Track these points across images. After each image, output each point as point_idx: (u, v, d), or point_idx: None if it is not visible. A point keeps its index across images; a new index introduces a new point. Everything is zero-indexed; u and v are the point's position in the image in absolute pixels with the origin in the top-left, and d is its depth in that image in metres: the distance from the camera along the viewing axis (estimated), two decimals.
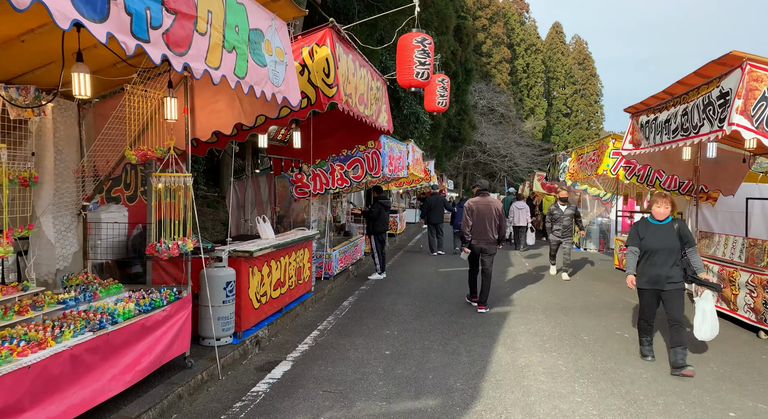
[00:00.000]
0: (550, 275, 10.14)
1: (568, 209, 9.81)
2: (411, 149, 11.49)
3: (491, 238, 7.07)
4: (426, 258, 12.52)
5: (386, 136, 8.59)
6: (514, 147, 49.00)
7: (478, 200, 7.23)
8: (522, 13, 73.83)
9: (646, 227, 4.95)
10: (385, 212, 9.47)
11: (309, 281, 7.12)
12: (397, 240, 16.13)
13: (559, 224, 9.84)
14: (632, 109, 7.44)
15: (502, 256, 13.06)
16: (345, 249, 9.31)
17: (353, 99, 5.35)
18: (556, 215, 9.87)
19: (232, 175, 7.37)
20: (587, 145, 10.27)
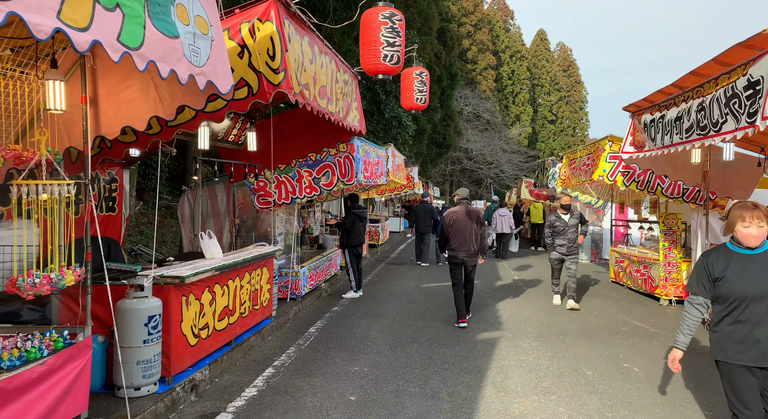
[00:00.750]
0: (553, 305, 8.07)
1: (572, 218, 7.99)
2: (391, 154, 10.62)
3: (472, 249, 6.68)
4: (408, 271, 11.62)
5: (361, 139, 7.72)
6: (500, 154, 48.54)
7: (457, 209, 6.82)
8: (507, 20, 73.96)
9: (728, 259, 2.85)
10: (359, 223, 8.56)
11: (269, 305, 6.17)
12: (378, 251, 15.22)
13: (563, 238, 7.98)
14: (633, 107, 6.64)
15: (488, 268, 12.21)
16: (316, 265, 8.37)
17: (311, 91, 4.46)
18: (559, 227, 8.02)
19: (202, 181, 6.42)
20: (580, 149, 9.49)
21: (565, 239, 7.99)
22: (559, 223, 8.08)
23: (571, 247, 7.99)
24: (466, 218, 6.71)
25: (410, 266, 12.68)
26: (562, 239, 8.01)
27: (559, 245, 8.07)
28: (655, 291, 8.17)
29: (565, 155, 10.59)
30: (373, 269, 11.81)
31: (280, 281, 7.38)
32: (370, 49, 4.85)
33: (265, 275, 6.00)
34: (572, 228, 8.00)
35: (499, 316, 7.27)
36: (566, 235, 7.99)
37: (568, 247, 7.99)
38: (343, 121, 5.57)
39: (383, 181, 9.56)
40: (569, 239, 7.99)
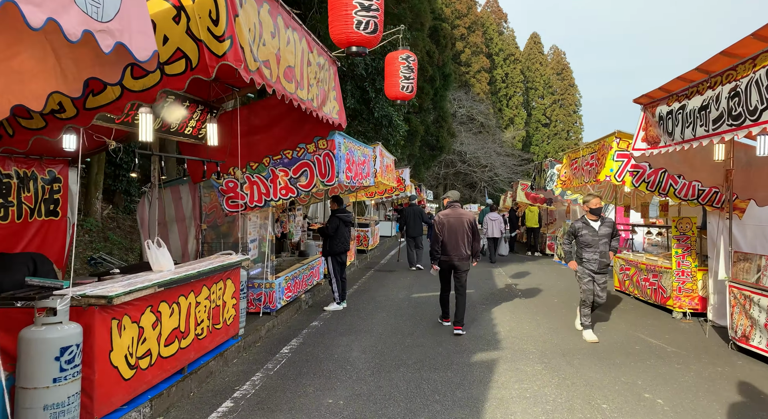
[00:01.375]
0: (585, 340, 6.12)
1: (603, 226, 6.29)
2: (379, 154, 9.88)
3: (464, 254, 6.51)
4: (399, 279, 10.86)
5: (343, 135, 6.97)
6: (495, 157, 48.01)
7: (448, 212, 6.62)
8: (500, 23, 73.75)
9: None
10: (344, 228, 7.80)
11: (234, 322, 5.39)
12: (368, 257, 14.45)
13: (593, 251, 6.20)
14: (645, 98, 5.94)
15: (483, 275, 11.47)
16: (295, 274, 7.59)
17: (273, 71, 3.72)
18: (587, 237, 6.24)
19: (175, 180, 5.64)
20: (583, 147, 8.78)
21: (596, 253, 6.23)
22: (587, 231, 6.27)
23: (603, 264, 6.26)
24: (457, 221, 6.51)
25: (401, 272, 11.92)
26: (592, 252, 6.24)
27: (589, 260, 6.27)
28: (667, 303, 7.46)
29: (566, 155, 9.89)
30: (360, 277, 11.04)
31: (251, 293, 6.61)
32: (340, 15, 4.16)
33: (229, 288, 5.22)
34: (603, 239, 6.25)
35: (496, 332, 6.52)
36: (597, 247, 6.23)
37: (600, 263, 6.23)
38: (317, 111, 4.81)
39: (370, 182, 8.80)
40: (601, 253, 6.23)
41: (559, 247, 14.93)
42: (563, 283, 10.60)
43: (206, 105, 5.15)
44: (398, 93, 5.75)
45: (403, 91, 5.77)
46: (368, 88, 13.94)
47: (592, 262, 6.26)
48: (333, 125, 5.43)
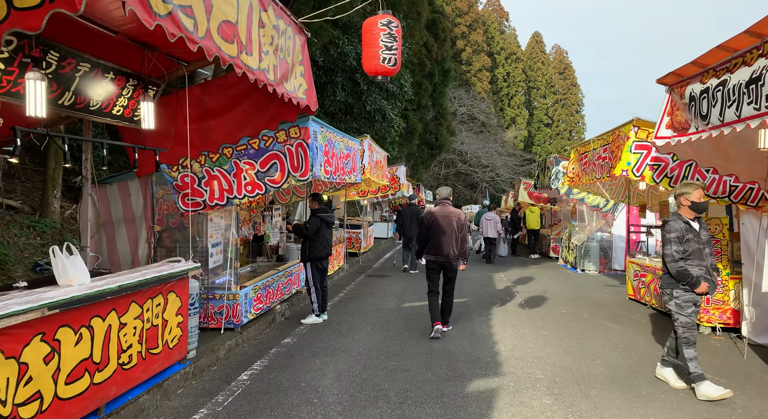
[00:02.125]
0: (672, 387, 4.53)
1: (702, 228, 4.52)
2: (368, 148, 8.96)
3: (451, 254, 6.15)
4: (390, 285, 9.93)
5: (321, 123, 6.07)
6: (496, 157, 47.10)
7: (436, 210, 6.29)
8: (502, 22, 73.00)
9: None
10: (326, 229, 6.89)
11: (181, 343, 4.48)
12: (360, 261, 13.52)
13: (700, 265, 4.36)
14: (672, 77, 5.02)
15: (482, 281, 10.55)
16: (268, 283, 6.68)
17: (201, 23, 2.81)
18: (692, 245, 4.39)
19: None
20: (594, 140, 7.85)
21: (702, 268, 4.37)
22: (691, 236, 4.42)
23: (711, 273, 4.42)
24: (445, 219, 6.17)
25: (394, 277, 11.00)
26: (697, 264, 4.36)
27: (695, 266, 4.37)
28: None
29: (574, 149, 8.96)
30: (349, 283, 10.12)
31: (212, 306, 5.70)
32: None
33: (172, 304, 4.30)
34: (707, 248, 4.50)
35: (496, 352, 5.60)
36: (703, 260, 4.40)
37: (711, 284, 4.37)
38: (275, 86, 3.90)
39: (356, 179, 7.89)
40: (707, 269, 4.40)
41: (564, 250, 14.02)
42: (570, 290, 9.66)
43: (139, 80, 4.25)
44: (378, 66, 4.83)
45: (384, 64, 4.85)
46: (360, 80, 13.02)
47: (701, 277, 4.34)
48: (299, 107, 4.53)
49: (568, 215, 14.97)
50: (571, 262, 13.27)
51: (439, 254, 6.14)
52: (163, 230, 5.75)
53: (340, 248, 11.00)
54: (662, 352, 4.85)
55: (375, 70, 4.86)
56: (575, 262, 12.85)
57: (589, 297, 8.98)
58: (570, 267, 13.35)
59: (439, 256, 6.15)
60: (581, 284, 10.59)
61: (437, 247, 6.15)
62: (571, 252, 13.24)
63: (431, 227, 6.20)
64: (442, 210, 6.26)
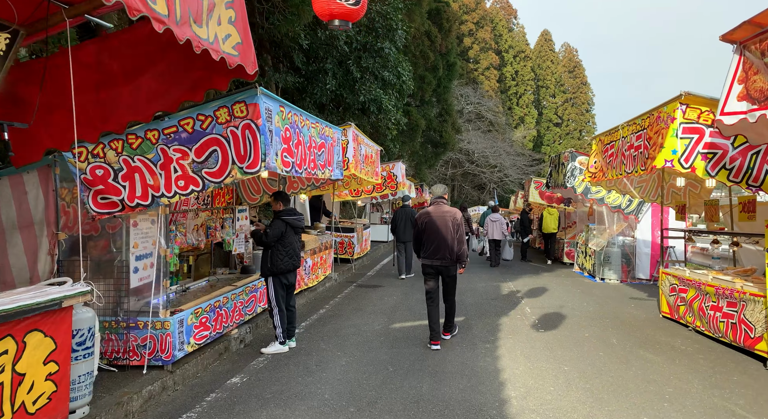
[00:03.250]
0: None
1: None
2: (353, 139, 7.63)
3: (448, 257, 5.73)
4: (382, 299, 8.58)
5: (279, 100, 4.76)
6: (504, 156, 45.63)
7: (431, 210, 5.89)
8: (510, 19, 71.70)
9: None
10: (292, 235, 5.56)
11: (54, 405, 3.16)
12: (353, 268, 12.18)
13: None
14: (747, 28, 3.67)
15: (488, 292, 9.16)
16: (217, 303, 5.36)
17: None
18: None
19: None
20: (623, 126, 6.45)
21: None
22: None
23: None
24: (441, 219, 5.76)
25: (388, 288, 9.65)
26: None
27: None
28: (756, 346, 5.12)
29: (596, 140, 7.57)
30: (335, 296, 8.79)
31: (134, 337, 4.38)
32: None
33: (37, 348, 2.98)
34: None
35: (504, 401, 4.23)
36: None
37: None
38: (177, 27, 2.59)
39: (334, 175, 6.55)
40: None
41: (581, 256, 12.61)
42: (591, 305, 8.27)
43: None
44: (333, 5, 3.50)
45: (341, 3, 3.54)
46: (352, 67, 11.70)
47: None
48: (229, 67, 3.21)
49: (584, 217, 13.54)
50: (589, 269, 11.86)
51: (435, 257, 5.73)
52: (74, 238, 4.44)
53: (326, 255, 9.68)
54: (725, 401, 3.43)
55: (329, 10, 3.58)
56: (593, 270, 11.43)
57: (614, 314, 7.58)
58: (587, 275, 11.93)
59: (435, 259, 5.74)
60: (602, 296, 9.18)
61: (432, 250, 5.74)
62: (589, 259, 11.83)
63: (426, 229, 5.79)
64: (437, 210, 5.84)
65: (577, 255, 13.10)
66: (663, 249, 7.58)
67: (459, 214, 5.81)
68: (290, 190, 7.45)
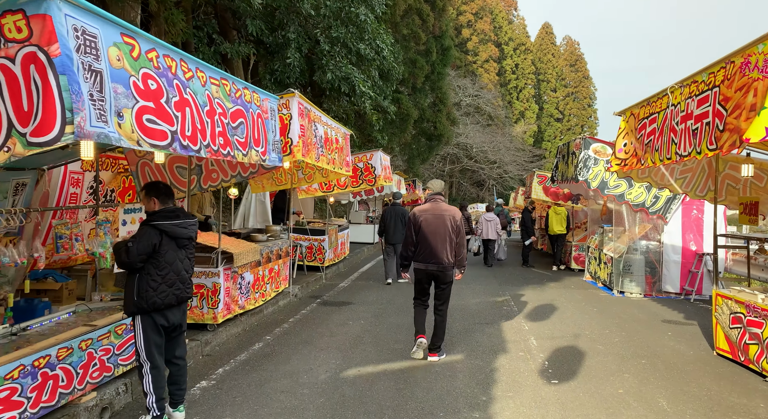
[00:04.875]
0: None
1: None
2: (298, 114, 5.62)
3: (444, 261, 5.12)
4: (346, 323, 6.64)
5: (124, 27, 2.82)
6: (504, 152, 43.68)
7: (426, 208, 5.25)
8: (510, 11, 69.86)
9: None
10: (173, 251, 3.59)
11: None
12: (324, 278, 10.23)
13: None
14: None
15: (482, 313, 7.21)
16: (52, 360, 3.41)
17: None
18: None
19: None
20: (674, 88, 4.44)
21: None
22: None
23: None
24: (438, 219, 5.16)
25: (359, 305, 7.72)
26: None
27: None
28: None
29: (626, 115, 5.58)
30: (286, 319, 6.85)
31: None
32: None
33: None
34: None
35: None
36: None
37: None
38: None
39: (272, 160, 4.59)
40: None
41: (593, 263, 10.67)
42: (616, 333, 6.34)
43: None
44: None
45: None
46: (320, 37, 9.71)
47: None
48: None
49: (596, 217, 11.58)
50: (604, 280, 9.92)
51: (430, 261, 5.20)
52: None
53: (280, 265, 7.73)
54: None
55: None
56: (610, 280, 9.50)
57: (650, 350, 5.64)
58: (602, 287, 9.99)
59: (430, 264, 5.20)
60: (627, 318, 7.24)
61: (428, 253, 5.21)
62: (604, 266, 9.90)
63: (420, 230, 5.24)
64: (434, 208, 5.28)
65: (589, 261, 11.16)
66: (715, 262, 5.61)
67: (459, 214, 5.28)
68: (207, 182, 5.49)
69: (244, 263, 6.09)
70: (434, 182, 5.51)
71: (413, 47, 19.05)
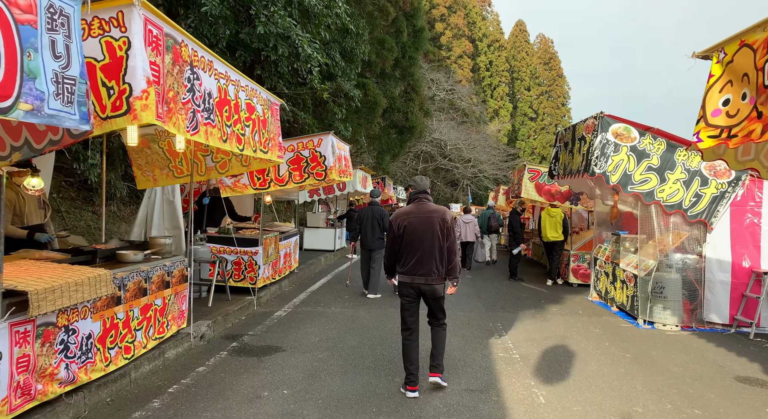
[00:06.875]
0: None
1: None
2: (149, 41, 3.09)
3: (434, 272, 4.32)
4: (258, 397, 4.13)
5: None
6: (479, 150, 41.77)
7: (410, 210, 4.46)
8: (484, 7, 68.44)
9: None
10: None
11: None
12: (254, 306, 7.64)
13: None
14: None
15: (464, 370, 4.76)
16: None
17: None
18: None
19: None
20: None
21: None
22: None
23: None
24: (425, 221, 4.37)
25: (291, 354, 5.20)
26: None
27: None
28: None
29: (734, 46, 3.24)
30: (165, 387, 4.29)
31: None
32: None
33: None
34: None
35: None
36: None
37: None
38: None
39: (57, 113, 2.01)
40: None
41: (603, 279, 8.40)
42: (685, 411, 3.97)
43: None
44: None
45: None
46: None
47: None
48: None
49: (605, 221, 9.31)
50: (621, 303, 7.64)
51: (417, 273, 4.32)
52: None
53: (173, 295, 5.14)
54: None
55: None
56: (631, 305, 7.22)
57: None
58: (618, 312, 7.72)
59: (417, 276, 4.32)
60: (682, 373, 4.93)
61: (414, 263, 4.34)
62: (622, 286, 7.62)
63: (405, 234, 4.38)
64: (420, 209, 4.42)
65: (596, 277, 8.89)
66: None
67: (449, 214, 4.46)
68: None
69: (65, 306, 3.49)
70: (417, 180, 4.56)
71: (381, 25, 16.61)
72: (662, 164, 6.77)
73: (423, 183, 4.51)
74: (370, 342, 5.83)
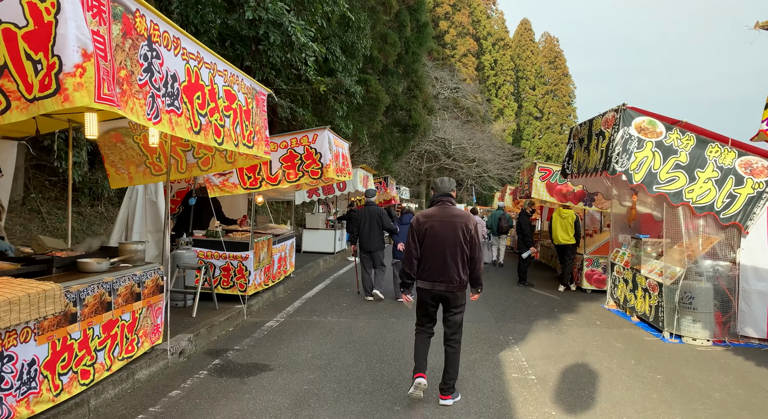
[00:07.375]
0: None
1: None
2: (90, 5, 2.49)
3: (455, 280, 4.13)
4: None
5: None
6: (484, 149, 41.14)
7: (432, 212, 4.26)
8: (489, 5, 67.74)
9: None
10: None
11: None
12: (244, 316, 7.05)
13: None
14: None
15: (481, 394, 4.14)
16: None
17: None
18: None
19: None
20: None
21: None
22: None
23: None
24: (448, 226, 4.17)
25: (276, 374, 4.61)
26: None
27: None
28: None
29: None
30: (130, 417, 3.70)
31: None
32: None
33: None
34: None
35: None
36: None
37: None
38: None
39: None
40: None
41: (622, 286, 7.76)
42: None
43: None
44: None
45: None
46: None
47: None
48: None
49: (622, 224, 8.67)
50: (643, 313, 7.01)
51: (438, 279, 4.16)
52: None
53: (145, 308, 4.55)
54: None
55: None
56: (655, 316, 6.59)
57: None
58: (640, 323, 7.10)
59: (438, 283, 4.16)
60: (723, 399, 4.30)
61: (434, 270, 4.17)
62: (644, 294, 6.99)
63: (426, 239, 4.19)
64: (443, 213, 4.21)
65: (614, 284, 8.25)
66: None
67: (473, 220, 4.25)
68: None
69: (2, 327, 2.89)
70: (442, 181, 4.39)
71: (383, 19, 16.00)
72: (691, 162, 6.14)
73: (446, 186, 4.33)
74: (368, 358, 5.23)
